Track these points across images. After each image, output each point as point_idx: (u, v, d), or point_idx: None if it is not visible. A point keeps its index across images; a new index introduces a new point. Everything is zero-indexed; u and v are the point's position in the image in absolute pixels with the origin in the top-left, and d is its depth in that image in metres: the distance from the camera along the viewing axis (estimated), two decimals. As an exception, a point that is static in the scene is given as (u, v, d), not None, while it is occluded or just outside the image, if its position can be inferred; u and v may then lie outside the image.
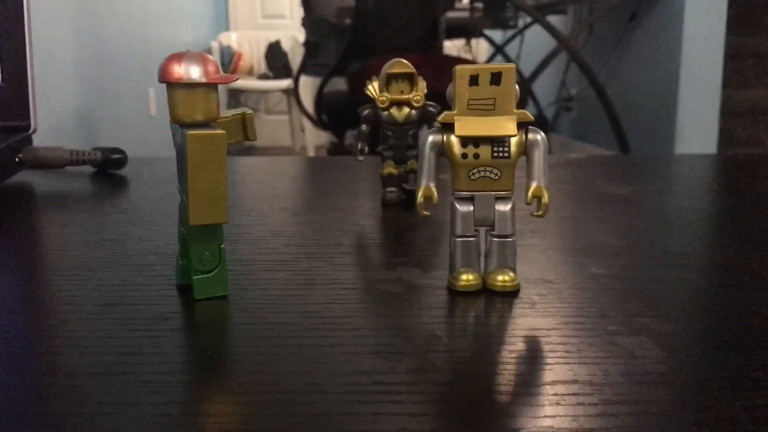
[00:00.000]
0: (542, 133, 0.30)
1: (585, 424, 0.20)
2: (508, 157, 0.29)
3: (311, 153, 3.87)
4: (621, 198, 0.48)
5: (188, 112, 0.27)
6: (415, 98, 0.44)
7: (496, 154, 0.29)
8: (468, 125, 0.29)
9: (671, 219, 0.44)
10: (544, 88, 3.02)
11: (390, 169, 0.45)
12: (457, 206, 0.30)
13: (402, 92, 0.44)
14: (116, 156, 0.56)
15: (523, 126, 0.30)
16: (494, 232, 0.30)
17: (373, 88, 0.44)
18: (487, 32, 3.04)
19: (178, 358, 0.25)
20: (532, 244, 0.37)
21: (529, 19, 2.59)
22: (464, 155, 0.29)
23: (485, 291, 0.30)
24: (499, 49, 3.10)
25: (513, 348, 0.25)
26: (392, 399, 0.22)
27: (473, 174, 0.30)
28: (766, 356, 0.25)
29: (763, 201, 0.48)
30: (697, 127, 2.10)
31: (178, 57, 0.27)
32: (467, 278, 0.30)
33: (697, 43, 2.05)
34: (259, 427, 0.20)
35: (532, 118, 0.29)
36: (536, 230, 0.40)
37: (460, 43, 3.24)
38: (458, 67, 0.29)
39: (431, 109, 0.44)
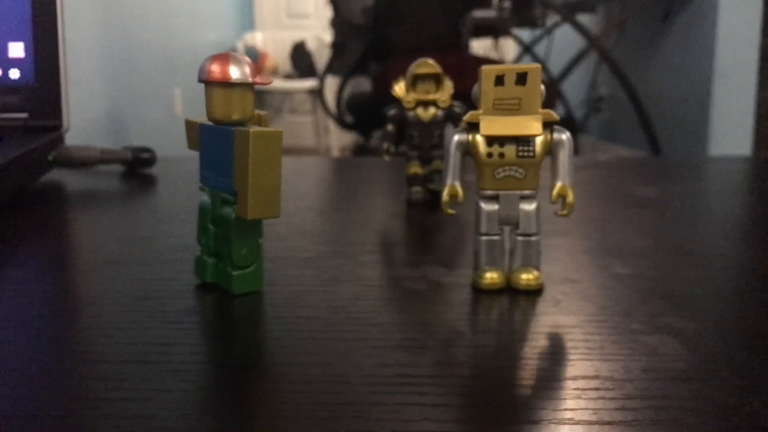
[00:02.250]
0: (567, 133, 0.30)
1: (605, 417, 0.21)
2: (533, 156, 0.30)
3: (335, 153, 3.88)
4: (649, 200, 0.48)
5: (225, 112, 0.28)
6: (440, 98, 0.44)
7: (521, 154, 0.30)
8: (493, 124, 0.30)
9: (699, 221, 0.44)
10: (574, 88, 3.00)
11: (415, 168, 0.46)
12: (482, 205, 0.31)
13: (428, 92, 0.44)
14: (145, 155, 0.57)
15: (548, 126, 0.30)
16: (519, 231, 0.31)
17: (399, 88, 0.44)
18: (516, 31, 3.02)
19: (208, 349, 0.25)
20: (557, 244, 0.37)
21: (558, 18, 2.57)
22: (489, 154, 0.30)
23: (509, 289, 0.31)
24: (527, 49, 3.08)
25: (536, 344, 0.26)
26: (416, 390, 0.22)
27: (498, 173, 0.30)
28: (790, 355, 0.25)
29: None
30: (731, 129, 2.06)
31: (219, 58, 0.28)
32: (491, 276, 0.30)
33: (731, 42, 2.02)
34: (287, 414, 0.21)
35: (557, 117, 0.30)
36: (561, 231, 0.40)
37: (487, 42, 3.22)
38: (484, 67, 0.29)
39: (457, 109, 0.44)
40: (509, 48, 4.03)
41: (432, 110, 0.44)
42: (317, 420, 0.21)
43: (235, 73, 0.28)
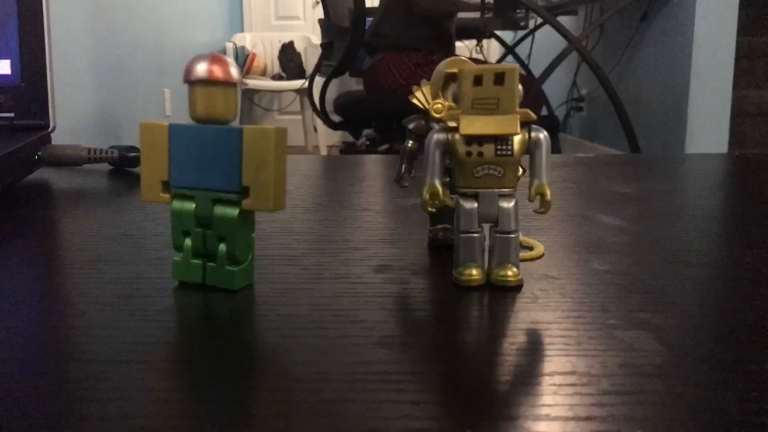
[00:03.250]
0: (545, 132, 0.30)
1: (581, 413, 0.21)
2: (511, 155, 0.30)
3: (323, 152, 3.88)
4: (627, 196, 0.49)
5: (209, 111, 0.29)
6: None
7: (499, 152, 0.30)
8: (472, 124, 0.30)
9: (677, 217, 0.44)
10: (555, 88, 3.02)
11: (444, 198, 0.34)
12: (462, 203, 0.31)
13: None
14: (132, 154, 0.57)
15: (526, 125, 0.30)
16: (497, 228, 0.31)
17: (422, 94, 0.35)
18: (498, 33, 3.04)
19: (189, 348, 0.26)
20: (539, 240, 0.38)
21: (540, 20, 2.59)
22: (468, 153, 0.30)
23: (488, 286, 0.31)
24: (510, 50, 3.10)
25: (514, 340, 0.26)
26: (396, 387, 0.23)
27: (477, 172, 0.30)
28: (762, 350, 0.25)
29: (769, 200, 0.48)
30: (708, 128, 2.09)
31: (202, 58, 0.29)
32: (470, 273, 0.31)
33: (708, 43, 2.05)
34: (266, 412, 0.21)
35: (535, 117, 0.30)
36: (541, 228, 0.40)
37: (471, 43, 3.24)
38: (463, 68, 0.30)
39: None
40: (493, 49, 4.05)
41: None
42: (296, 418, 0.21)
43: (218, 72, 0.28)
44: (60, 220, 0.44)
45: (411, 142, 0.36)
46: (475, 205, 0.31)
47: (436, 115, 0.34)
